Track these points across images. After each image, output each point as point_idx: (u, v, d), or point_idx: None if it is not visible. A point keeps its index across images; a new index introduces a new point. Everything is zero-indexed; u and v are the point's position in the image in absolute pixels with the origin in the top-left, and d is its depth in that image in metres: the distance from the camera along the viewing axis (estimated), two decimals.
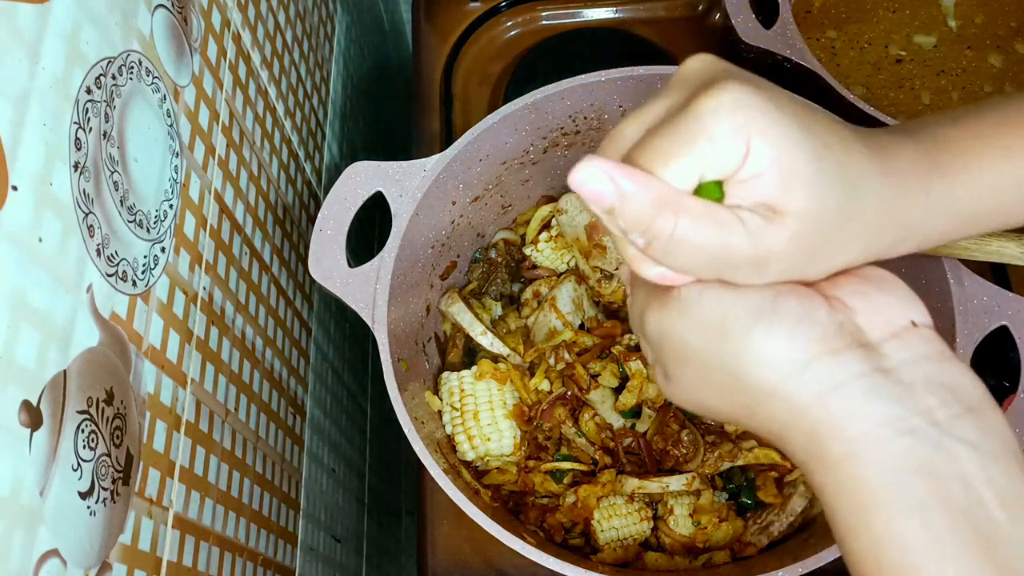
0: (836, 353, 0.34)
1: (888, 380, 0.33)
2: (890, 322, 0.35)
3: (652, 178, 0.33)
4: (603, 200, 0.33)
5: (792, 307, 0.34)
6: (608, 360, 0.72)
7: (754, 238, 0.33)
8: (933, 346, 0.35)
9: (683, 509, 0.68)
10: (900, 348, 0.34)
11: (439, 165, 0.67)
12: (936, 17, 0.89)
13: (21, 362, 0.35)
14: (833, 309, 0.35)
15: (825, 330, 0.34)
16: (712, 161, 0.33)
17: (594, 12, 0.99)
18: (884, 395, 0.33)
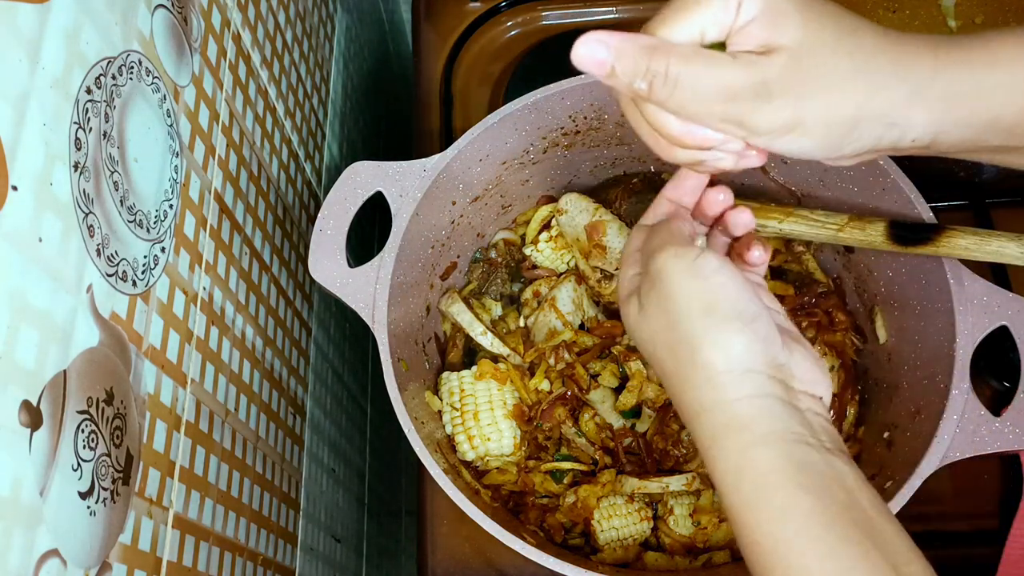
0: (771, 376, 0.41)
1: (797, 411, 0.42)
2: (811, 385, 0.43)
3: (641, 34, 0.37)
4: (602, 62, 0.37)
5: (763, 329, 0.42)
6: (608, 360, 0.72)
7: (748, 67, 0.37)
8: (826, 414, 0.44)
9: (683, 509, 0.68)
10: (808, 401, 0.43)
11: (439, 165, 0.67)
12: (936, 17, 0.89)
13: (21, 362, 0.35)
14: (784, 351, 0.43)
15: (773, 359, 0.42)
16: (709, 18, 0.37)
17: (594, 12, 0.99)
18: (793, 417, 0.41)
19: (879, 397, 0.69)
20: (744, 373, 0.41)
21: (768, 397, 0.41)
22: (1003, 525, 0.72)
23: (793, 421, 0.41)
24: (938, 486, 0.73)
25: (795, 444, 0.40)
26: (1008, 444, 0.58)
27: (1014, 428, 0.58)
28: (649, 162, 0.79)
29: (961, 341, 0.59)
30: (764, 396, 0.41)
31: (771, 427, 0.40)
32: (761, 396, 0.41)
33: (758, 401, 0.41)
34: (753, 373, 0.41)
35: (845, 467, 0.40)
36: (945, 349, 0.60)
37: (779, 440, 0.40)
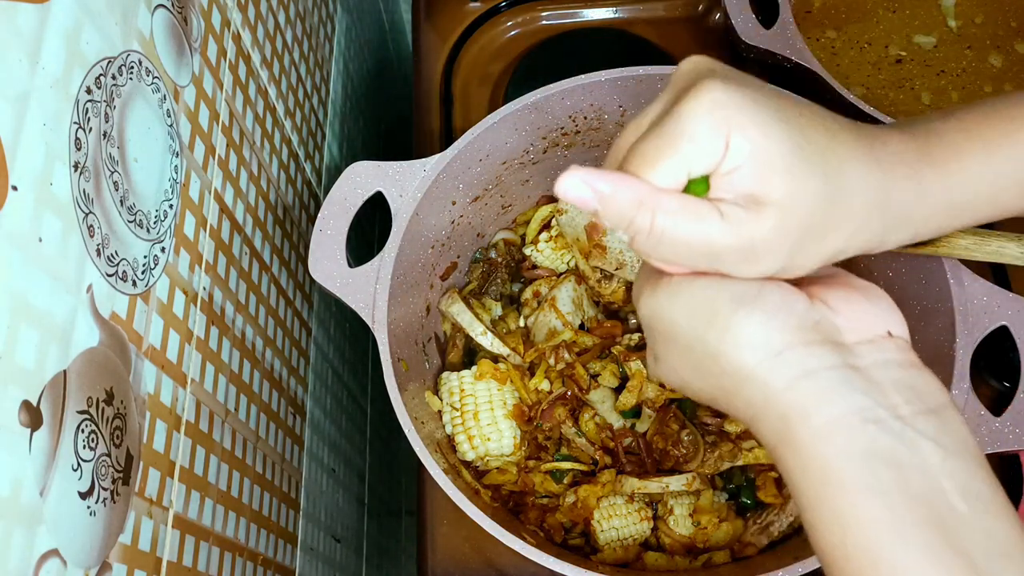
0: (810, 344, 0.36)
1: (857, 375, 0.35)
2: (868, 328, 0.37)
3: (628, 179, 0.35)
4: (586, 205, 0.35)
5: (774, 297, 0.36)
6: (608, 360, 0.72)
7: (735, 228, 0.35)
8: (904, 355, 0.37)
9: (683, 509, 0.68)
10: (873, 351, 0.37)
11: (439, 165, 0.67)
12: (936, 17, 0.89)
13: (21, 362, 0.35)
14: (814, 306, 0.37)
15: (802, 321, 0.36)
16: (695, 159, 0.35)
17: (594, 12, 0.99)
18: (853, 387, 0.35)
19: None
20: (777, 356, 0.36)
21: (814, 375, 0.35)
22: None
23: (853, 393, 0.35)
24: None
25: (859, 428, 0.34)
26: (1008, 444, 0.58)
27: (1014, 428, 0.58)
28: None
29: (961, 341, 0.59)
30: (808, 374, 0.35)
31: (828, 413, 0.35)
32: (805, 376, 0.35)
33: (805, 385, 0.35)
34: (787, 352, 0.36)
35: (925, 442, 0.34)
36: (945, 349, 0.60)
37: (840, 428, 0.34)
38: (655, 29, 0.97)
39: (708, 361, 0.38)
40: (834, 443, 0.34)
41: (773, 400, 0.36)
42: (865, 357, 0.36)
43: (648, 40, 0.96)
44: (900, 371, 0.36)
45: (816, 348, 0.36)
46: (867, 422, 0.34)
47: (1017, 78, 0.85)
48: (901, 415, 0.35)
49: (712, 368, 0.38)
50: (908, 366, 0.37)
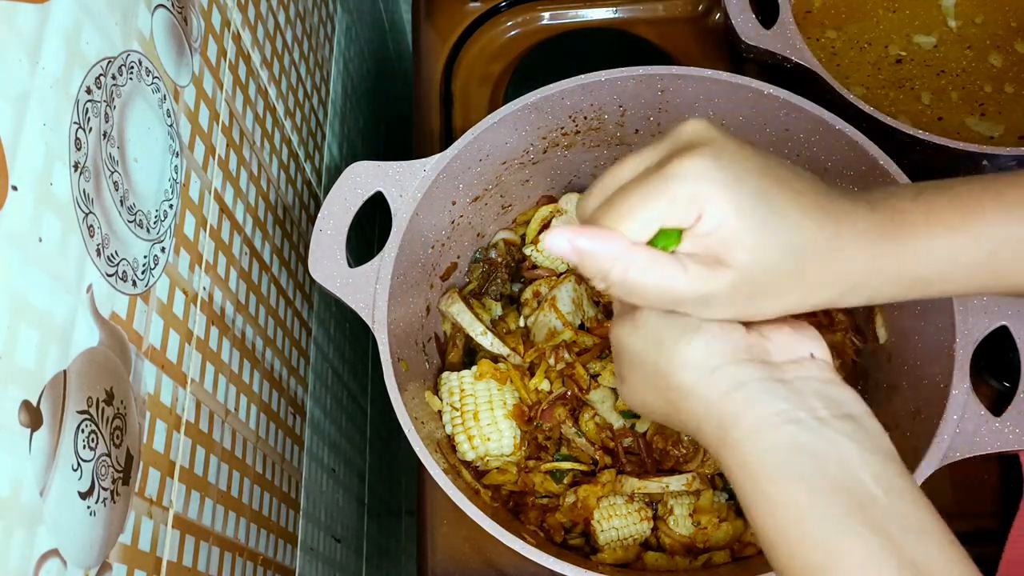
0: (741, 362, 0.42)
1: (782, 385, 0.41)
2: (794, 351, 0.43)
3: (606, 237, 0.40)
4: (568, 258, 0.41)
5: (714, 328, 0.43)
6: (608, 360, 0.72)
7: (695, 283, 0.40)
8: (825, 373, 0.43)
9: (683, 509, 0.68)
10: (797, 369, 0.43)
11: (439, 165, 0.67)
12: (936, 17, 0.89)
13: (21, 362, 0.35)
14: (749, 334, 0.43)
15: (736, 345, 0.42)
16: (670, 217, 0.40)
17: (594, 12, 0.99)
18: (776, 394, 0.41)
19: (879, 397, 0.69)
20: (713, 372, 0.42)
21: (743, 386, 0.41)
22: (1003, 525, 0.72)
23: (776, 399, 0.40)
24: (938, 486, 0.73)
25: (782, 426, 0.39)
26: (1008, 444, 0.58)
27: (1014, 428, 0.58)
28: None
29: (961, 341, 0.59)
30: (739, 386, 0.41)
31: (755, 415, 0.40)
32: (736, 387, 0.41)
33: (736, 394, 0.41)
34: (722, 368, 0.42)
35: (842, 439, 0.39)
36: (945, 349, 0.60)
37: (765, 428, 0.40)
38: (655, 29, 0.97)
39: (659, 380, 0.44)
40: (761, 440, 0.40)
41: (711, 409, 0.42)
42: (790, 373, 0.42)
43: (648, 40, 0.96)
44: (820, 384, 0.42)
45: (746, 365, 0.42)
46: (788, 422, 0.39)
47: (1017, 78, 0.85)
48: (820, 416, 0.40)
49: (662, 386, 0.44)
50: (828, 381, 0.42)
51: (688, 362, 0.42)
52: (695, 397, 0.42)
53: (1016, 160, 0.73)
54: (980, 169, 0.77)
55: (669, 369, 0.43)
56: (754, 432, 0.40)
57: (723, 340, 0.42)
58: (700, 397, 0.42)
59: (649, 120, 0.73)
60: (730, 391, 0.41)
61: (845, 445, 0.39)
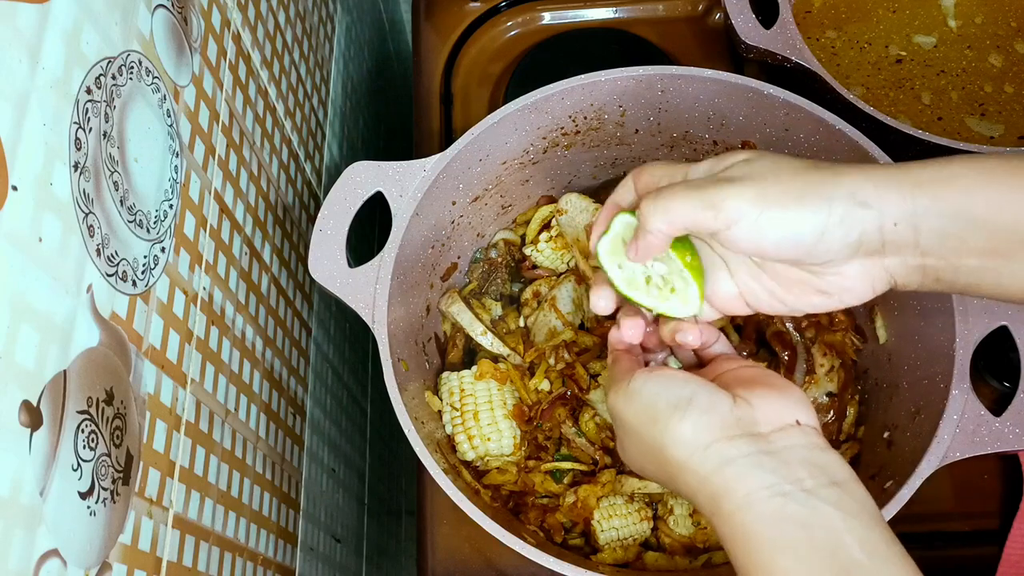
0: (731, 438, 0.44)
1: (770, 458, 0.43)
2: (780, 419, 0.45)
3: None
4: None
5: (702, 402, 0.45)
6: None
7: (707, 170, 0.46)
8: (811, 439, 0.45)
9: (683, 509, 0.68)
10: (783, 437, 0.44)
11: (439, 165, 0.67)
12: (936, 17, 0.89)
13: (21, 362, 0.35)
14: (736, 405, 0.45)
15: (725, 420, 0.45)
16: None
17: (594, 12, 0.99)
18: (765, 468, 0.43)
19: (879, 397, 0.69)
20: (704, 449, 0.44)
21: (733, 461, 0.43)
22: (1003, 525, 0.72)
23: (765, 473, 0.42)
24: (938, 486, 0.73)
25: (769, 500, 0.42)
26: (1008, 444, 0.58)
27: (1014, 428, 0.58)
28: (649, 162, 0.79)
29: (961, 341, 0.59)
30: (729, 462, 0.43)
31: (744, 490, 0.42)
32: (726, 463, 0.43)
33: (726, 470, 0.43)
34: (713, 445, 0.44)
35: (828, 508, 0.41)
36: (945, 349, 0.60)
37: (755, 501, 0.42)
38: (655, 29, 0.97)
39: (655, 452, 0.47)
40: (751, 512, 0.42)
41: (704, 483, 0.44)
42: (777, 443, 0.44)
43: (648, 40, 0.96)
44: (807, 452, 0.44)
45: (736, 440, 0.44)
46: (776, 495, 0.42)
47: (1017, 78, 0.85)
48: (806, 487, 0.42)
49: (658, 457, 0.47)
50: (814, 448, 0.44)
51: (679, 440, 0.45)
52: (688, 472, 0.45)
53: None
54: None
55: (663, 443, 0.46)
56: (744, 505, 0.42)
57: (712, 415, 0.45)
58: (693, 472, 0.44)
59: (649, 120, 0.73)
60: (721, 467, 0.43)
61: (831, 514, 0.41)
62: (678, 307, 0.51)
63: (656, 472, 0.48)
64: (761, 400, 0.46)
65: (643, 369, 0.49)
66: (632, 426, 0.48)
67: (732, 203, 0.43)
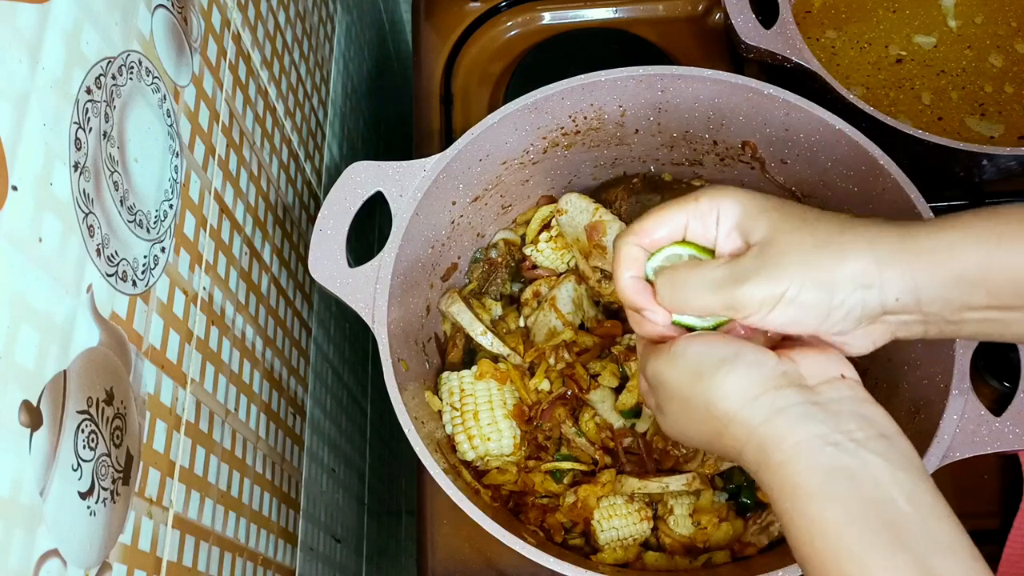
0: (779, 388, 0.44)
1: (819, 409, 0.43)
2: (825, 372, 0.46)
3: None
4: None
5: (748, 356, 0.45)
6: (608, 360, 0.72)
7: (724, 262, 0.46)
8: (857, 392, 0.45)
9: (683, 509, 0.68)
10: (831, 390, 0.45)
11: (439, 165, 0.67)
12: (936, 17, 0.89)
13: (21, 362, 0.35)
14: (781, 361, 0.46)
15: (772, 372, 0.45)
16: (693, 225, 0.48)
17: (594, 12, 0.99)
18: (815, 418, 0.43)
19: (879, 397, 0.68)
20: (753, 401, 0.44)
21: (783, 411, 0.43)
22: (1003, 525, 0.72)
23: (815, 423, 0.42)
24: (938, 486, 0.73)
25: (820, 450, 0.42)
26: (1008, 444, 0.58)
27: (1014, 428, 0.58)
28: (649, 162, 0.79)
29: (961, 341, 0.59)
30: (779, 411, 0.43)
31: (794, 439, 0.42)
32: (776, 413, 0.43)
33: (776, 420, 0.43)
34: (761, 397, 0.44)
35: (877, 459, 0.41)
36: (945, 349, 0.60)
37: (805, 451, 0.42)
38: (655, 29, 0.97)
39: (700, 410, 0.46)
40: (801, 462, 0.42)
41: (753, 434, 0.44)
42: (825, 394, 0.45)
43: (648, 40, 0.96)
44: (855, 404, 0.44)
45: (784, 391, 0.44)
46: (826, 444, 0.42)
47: (1017, 78, 0.85)
48: (856, 438, 0.42)
49: (704, 415, 0.46)
50: (862, 401, 0.45)
51: (728, 392, 0.45)
52: (737, 424, 0.45)
53: (1016, 160, 0.73)
54: (980, 169, 0.77)
55: (710, 399, 0.45)
56: (795, 455, 0.42)
57: (759, 368, 0.45)
58: (742, 424, 0.44)
59: (649, 120, 0.73)
60: (771, 417, 0.43)
61: (879, 465, 0.41)
62: None
63: (699, 433, 0.48)
64: (804, 357, 0.46)
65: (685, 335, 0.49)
66: (675, 388, 0.48)
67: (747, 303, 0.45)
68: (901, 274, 0.43)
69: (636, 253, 0.50)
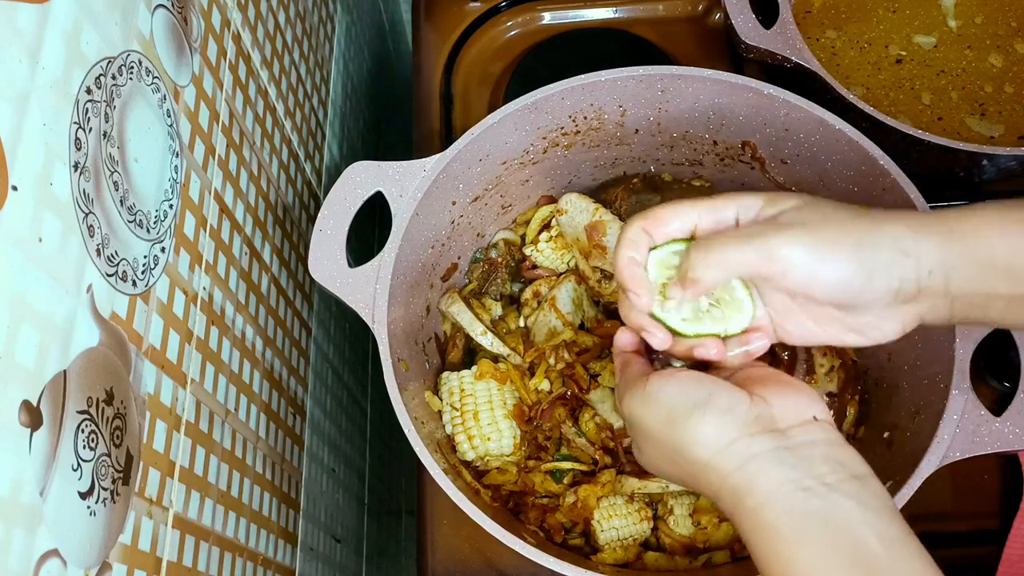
0: (752, 436, 0.45)
1: (791, 454, 0.44)
2: (798, 415, 0.46)
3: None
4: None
5: (722, 401, 0.46)
6: (608, 360, 0.72)
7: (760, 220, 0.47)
8: (829, 434, 0.46)
9: (683, 509, 0.68)
10: (803, 433, 0.45)
11: (439, 165, 0.67)
12: (936, 17, 0.89)
13: (21, 362, 0.35)
14: (754, 403, 0.46)
15: (745, 418, 0.45)
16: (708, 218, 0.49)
17: (594, 12, 0.99)
18: (786, 464, 0.44)
19: (879, 397, 0.69)
20: (727, 448, 0.45)
21: (755, 458, 0.44)
22: (1003, 525, 0.72)
23: (787, 468, 0.43)
24: (938, 486, 0.73)
25: (793, 494, 0.43)
26: (1008, 444, 0.58)
27: (1014, 428, 0.58)
28: (649, 162, 0.79)
29: (961, 341, 0.59)
30: (751, 459, 0.44)
31: (767, 485, 0.43)
32: (749, 460, 0.44)
33: (749, 466, 0.44)
34: (735, 443, 0.45)
35: (848, 502, 0.42)
36: (945, 349, 0.60)
37: (778, 496, 0.43)
38: (655, 29, 0.97)
39: (675, 454, 0.47)
40: (775, 507, 0.43)
41: (727, 480, 0.45)
42: (797, 438, 0.45)
43: (648, 40, 0.96)
44: (827, 448, 0.45)
45: (757, 437, 0.45)
46: (798, 489, 0.43)
47: (1017, 78, 0.85)
48: (827, 482, 0.43)
49: (679, 459, 0.47)
50: (833, 444, 0.45)
51: (700, 440, 0.45)
52: (710, 471, 0.45)
53: (1016, 160, 0.73)
54: (980, 169, 0.77)
55: (683, 445, 0.46)
56: (767, 501, 0.43)
57: (732, 414, 0.45)
58: (715, 471, 0.45)
59: (649, 120, 0.73)
60: (743, 463, 0.44)
61: (851, 508, 0.42)
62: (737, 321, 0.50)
63: (675, 473, 0.49)
64: (777, 397, 0.46)
65: (657, 373, 0.49)
66: (650, 430, 0.48)
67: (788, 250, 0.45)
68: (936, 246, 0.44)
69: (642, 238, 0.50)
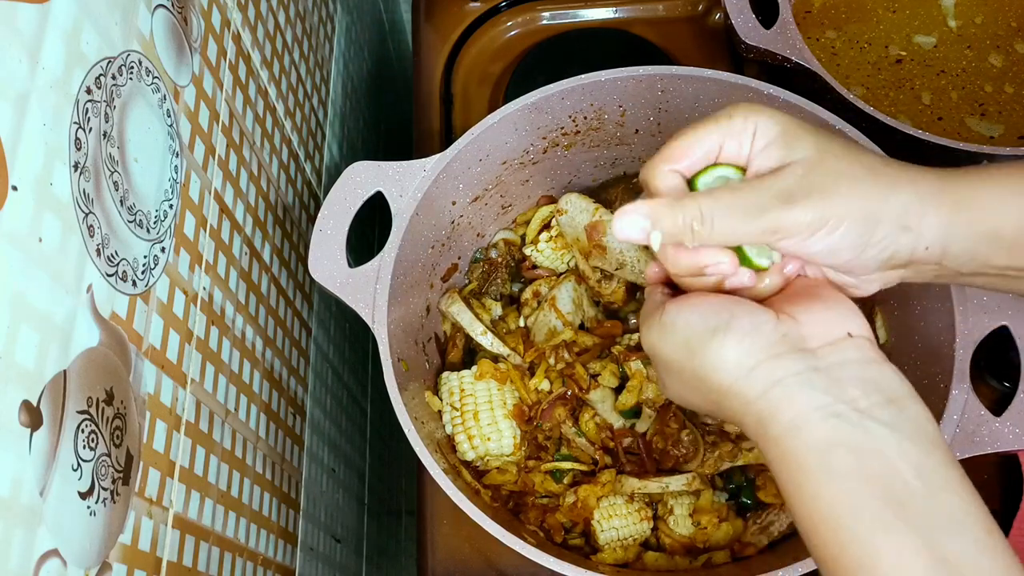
0: (778, 357, 0.41)
1: (820, 376, 0.40)
2: (829, 332, 0.42)
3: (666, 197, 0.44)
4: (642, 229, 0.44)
5: (743, 322, 0.42)
6: (608, 360, 0.72)
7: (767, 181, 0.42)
8: (864, 352, 0.42)
9: (683, 509, 0.68)
10: (834, 352, 0.41)
11: (439, 165, 0.67)
12: (936, 17, 0.89)
13: (21, 362, 0.35)
14: (780, 322, 0.42)
15: (770, 339, 0.42)
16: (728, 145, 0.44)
17: (594, 12, 0.99)
18: (815, 387, 0.40)
19: None
20: (750, 372, 0.41)
21: (781, 382, 0.40)
22: (1003, 525, 0.72)
23: (815, 392, 0.40)
24: None
25: (820, 422, 0.39)
26: (1008, 444, 0.58)
27: (1014, 428, 0.58)
28: None
29: (961, 341, 0.59)
30: (777, 383, 0.40)
31: (794, 411, 0.40)
32: (774, 384, 0.40)
33: (774, 392, 0.40)
34: (759, 367, 0.41)
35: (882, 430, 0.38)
36: (945, 349, 0.60)
37: (803, 424, 0.39)
38: (655, 29, 0.97)
39: (696, 382, 0.44)
40: (800, 436, 0.40)
41: (750, 408, 0.41)
42: (827, 358, 0.41)
43: (648, 40, 0.96)
44: (860, 368, 0.41)
45: (783, 359, 0.41)
46: (828, 416, 0.39)
47: (1017, 78, 0.85)
48: (860, 407, 0.39)
49: (700, 387, 0.44)
50: (868, 363, 0.41)
51: (721, 365, 0.42)
52: (733, 397, 0.42)
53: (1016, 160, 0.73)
54: None
55: (704, 372, 0.43)
56: (793, 428, 0.40)
57: (755, 335, 0.41)
58: (738, 397, 0.42)
59: (649, 120, 0.73)
60: (768, 389, 0.40)
61: (885, 437, 0.38)
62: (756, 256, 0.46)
63: (701, 403, 0.46)
64: (807, 314, 0.42)
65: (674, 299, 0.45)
66: (670, 360, 0.45)
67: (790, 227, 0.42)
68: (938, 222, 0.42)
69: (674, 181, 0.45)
